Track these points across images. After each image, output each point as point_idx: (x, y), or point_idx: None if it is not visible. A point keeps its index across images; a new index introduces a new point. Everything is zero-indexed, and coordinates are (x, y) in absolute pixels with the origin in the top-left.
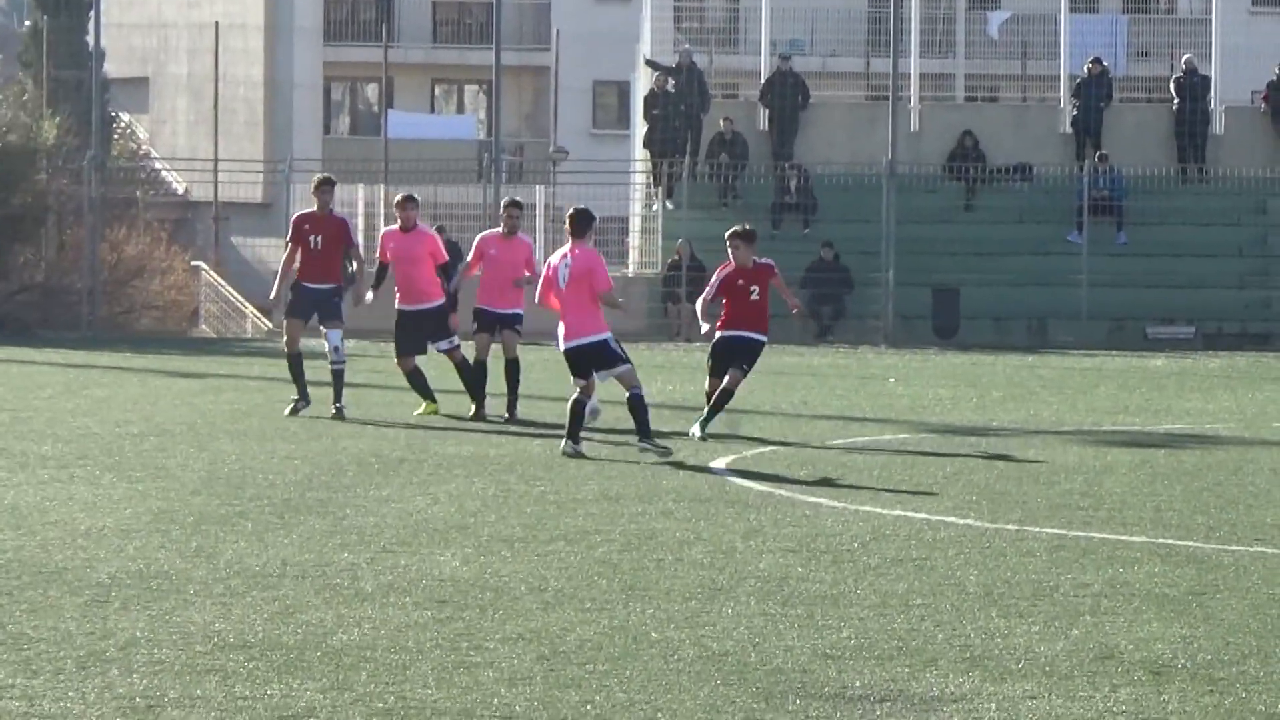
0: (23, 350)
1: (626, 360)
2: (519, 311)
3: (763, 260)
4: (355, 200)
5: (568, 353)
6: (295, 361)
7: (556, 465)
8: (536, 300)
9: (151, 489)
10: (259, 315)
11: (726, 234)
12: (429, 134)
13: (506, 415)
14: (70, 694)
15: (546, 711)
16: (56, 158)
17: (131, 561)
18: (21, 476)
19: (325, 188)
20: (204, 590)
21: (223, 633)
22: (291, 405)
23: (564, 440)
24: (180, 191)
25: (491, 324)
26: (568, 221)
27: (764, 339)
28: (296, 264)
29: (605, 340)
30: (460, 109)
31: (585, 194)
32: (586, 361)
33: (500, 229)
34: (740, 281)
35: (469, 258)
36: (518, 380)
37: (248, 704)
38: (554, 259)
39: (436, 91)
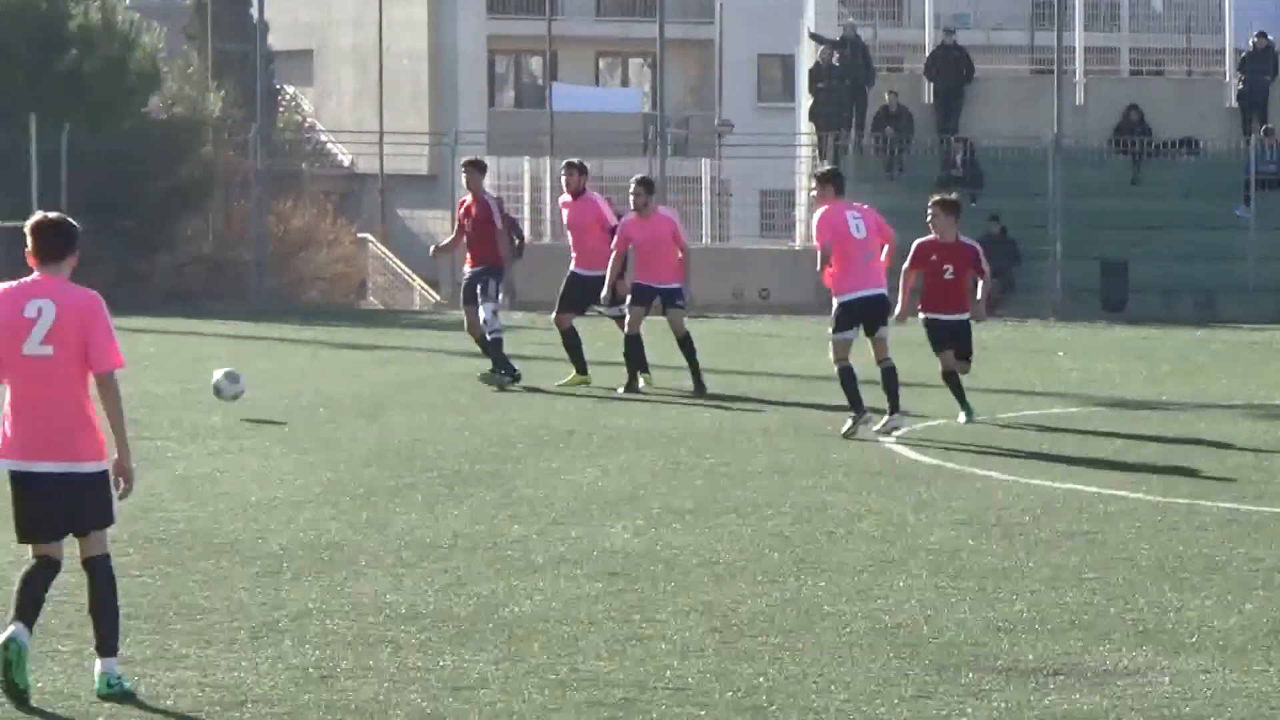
0: (191, 322)
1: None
2: (678, 286)
3: (967, 240)
4: (520, 173)
5: (858, 301)
6: (480, 342)
7: (726, 438)
8: (822, 254)
9: (321, 460)
10: (426, 287)
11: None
12: (593, 107)
13: (698, 389)
14: (243, 664)
15: (719, 684)
16: (222, 130)
17: (302, 533)
18: (192, 448)
19: (470, 170)
20: (375, 561)
21: (395, 604)
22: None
23: (851, 421)
24: (346, 164)
25: (649, 298)
26: (829, 181)
27: (966, 317)
28: (461, 247)
29: (886, 294)
30: (625, 82)
31: (751, 167)
32: (865, 315)
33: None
34: (934, 257)
35: (616, 243)
36: (693, 351)
37: (420, 675)
38: (826, 215)
39: (601, 65)
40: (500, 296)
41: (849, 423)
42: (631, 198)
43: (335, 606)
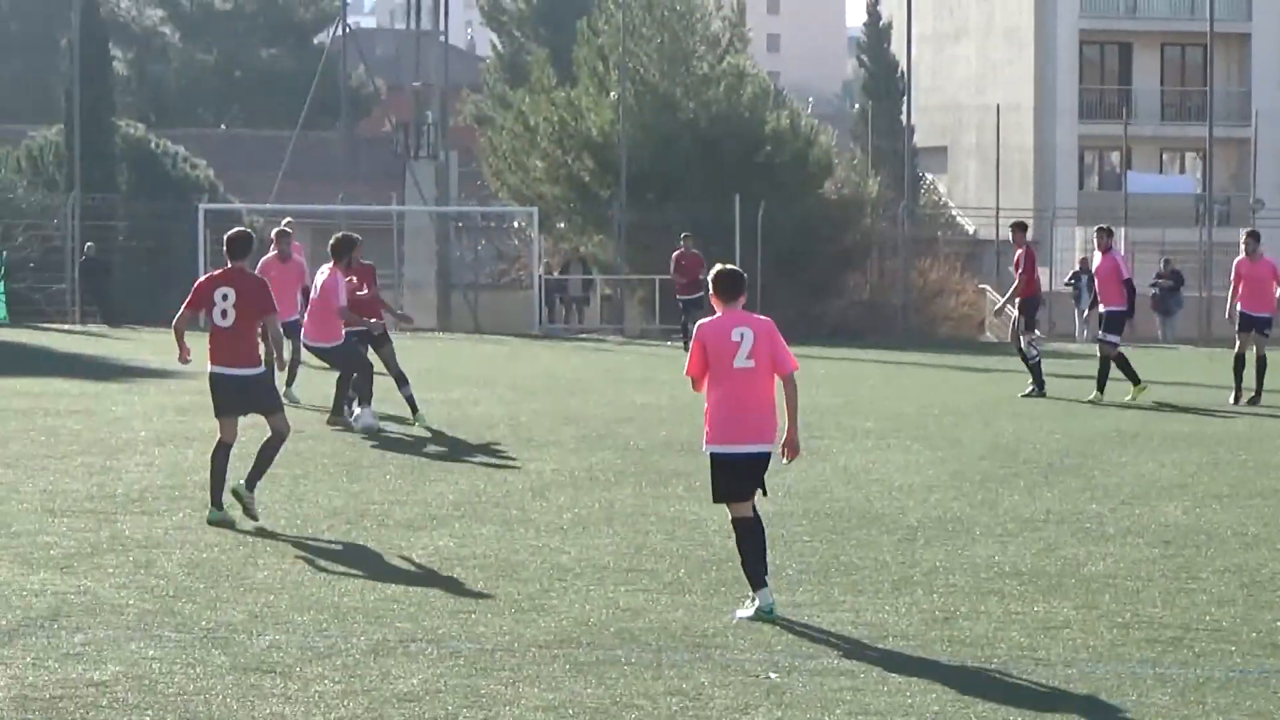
0: (852, 350)
1: None
2: (1270, 316)
3: None
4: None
5: None
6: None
7: (1255, 439)
8: None
9: (948, 455)
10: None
11: None
12: (1158, 189)
13: (1258, 396)
14: (886, 608)
15: (1246, 626)
16: (878, 207)
17: (933, 509)
18: (851, 445)
19: (1014, 229)
20: (987, 531)
21: (1000, 563)
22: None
23: None
24: (970, 232)
25: (1250, 325)
26: None
27: None
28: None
29: None
30: (1182, 170)
31: (1278, 233)
32: None
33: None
34: None
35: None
36: (1265, 369)
37: (1019, 618)
38: None
39: (1164, 157)
40: (1034, 327)
41: None
42: (1242, 245)
43: (955, 565)
